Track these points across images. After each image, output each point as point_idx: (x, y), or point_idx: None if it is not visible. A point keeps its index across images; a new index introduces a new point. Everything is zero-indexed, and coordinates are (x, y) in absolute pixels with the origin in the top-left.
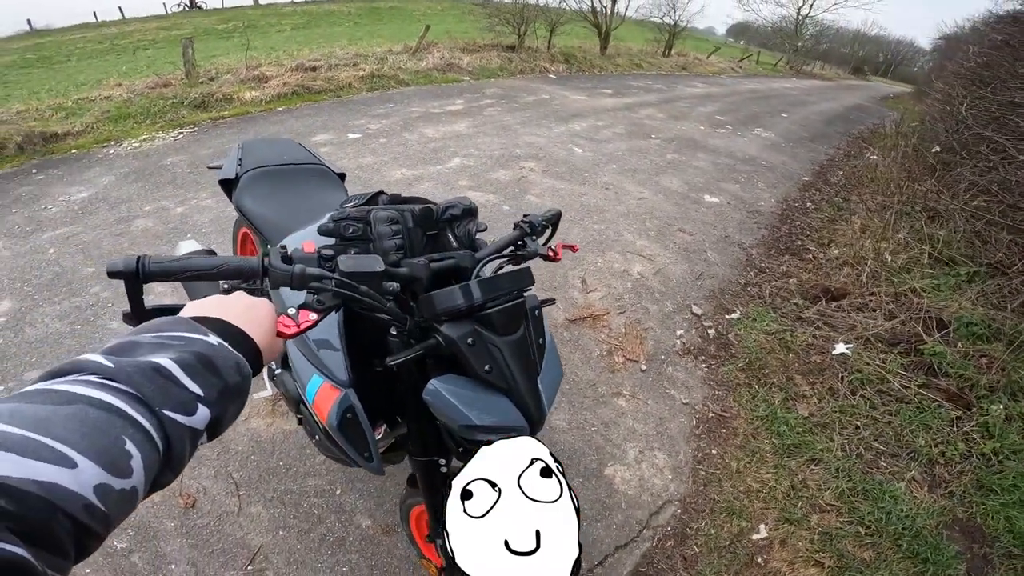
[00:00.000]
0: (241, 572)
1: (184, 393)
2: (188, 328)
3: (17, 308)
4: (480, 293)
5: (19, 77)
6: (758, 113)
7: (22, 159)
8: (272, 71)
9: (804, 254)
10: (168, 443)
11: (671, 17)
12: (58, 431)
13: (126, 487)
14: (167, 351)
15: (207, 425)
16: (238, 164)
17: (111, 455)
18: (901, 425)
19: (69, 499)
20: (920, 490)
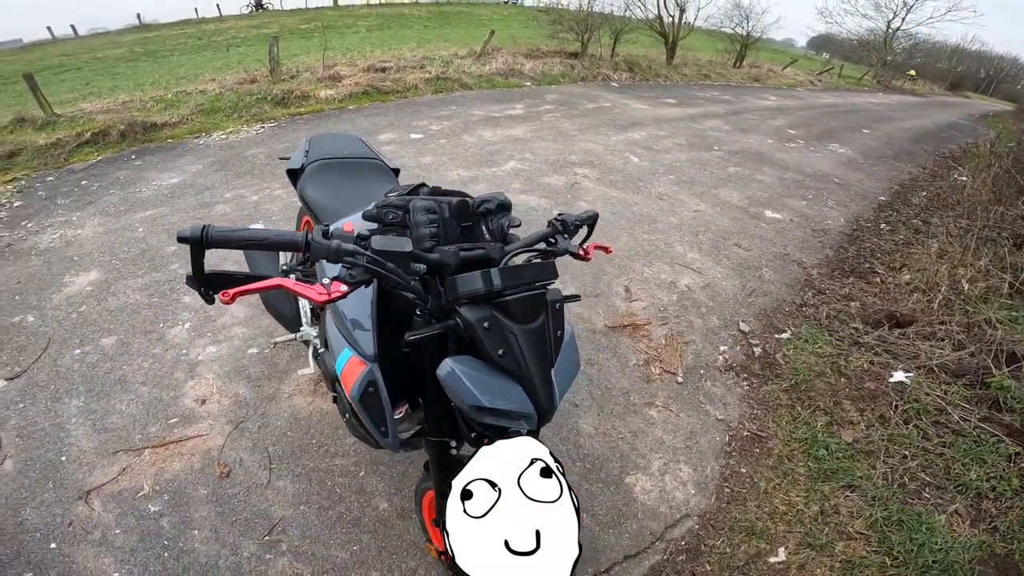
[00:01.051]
0: (257, 542)
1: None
2: None
3: (103, 279)
4: (500, 280)
5: (127, 69)
6: (835, 128)
7: (123, 145)
8: (346, 71)
9: (871, 277)
10: None
11: (743, 28)
12: None
13: None
14: None
15: None
16: (304, 156)
17: None
18: (954, 458)
19: None
20: (961, 524)
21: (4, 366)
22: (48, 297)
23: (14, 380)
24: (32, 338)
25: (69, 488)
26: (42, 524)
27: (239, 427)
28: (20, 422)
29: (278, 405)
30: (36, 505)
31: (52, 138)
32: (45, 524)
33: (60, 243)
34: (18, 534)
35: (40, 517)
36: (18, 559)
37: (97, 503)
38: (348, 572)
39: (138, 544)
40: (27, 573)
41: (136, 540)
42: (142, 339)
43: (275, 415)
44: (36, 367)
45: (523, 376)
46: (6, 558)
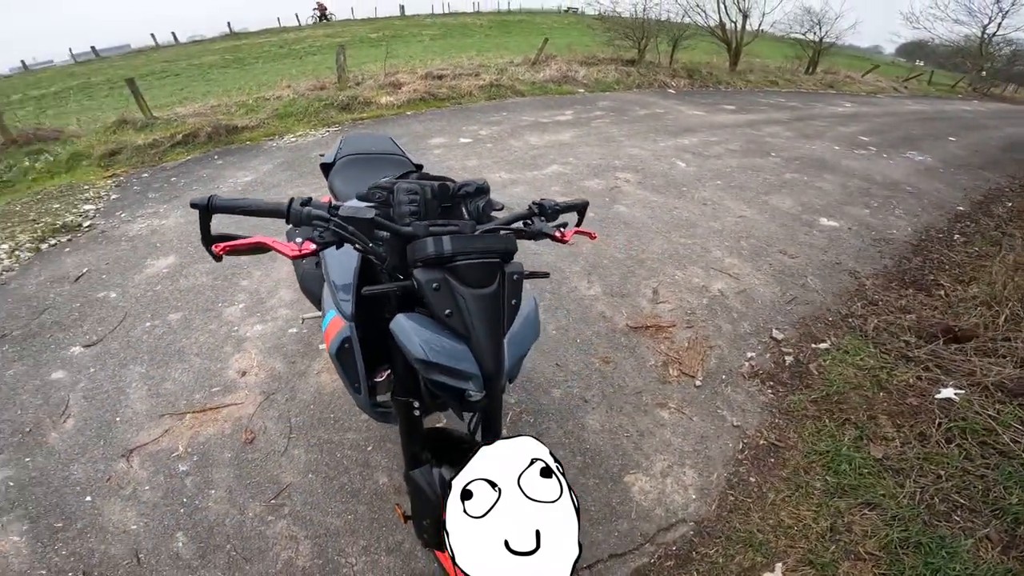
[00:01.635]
0: (263, 504)
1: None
2: None
3: (178, 263)
4: (451, 246)
5: (218, 75)
6: (916, 135)
7: (209, 146)
8: (406, 78)
9: (934, 290)
10: None
11: (815, 33)
12: None
13: None
14: None
15: None
16: (337, 152)
17: None
18: (995, 480)
19: None
20: (990, 550)
21: (84, 335)
22: (130, 277)
23: (90, 347)
24: (112, 311)
25: (116, 447)
26: (84, 479)
27: (269, 398)
28: (88, 385)
29: (306, 380)
30: (84, 461)
31: (149, 139)
32: (87, 479)
33: (147, 231)
34: (61, 487)
35: (84, 472)
36: (54, 511)
37: (136, 461)
38: (339, 538)
39: (160, 500)
40: (57, 523)
41: (160, 496)
42: (202, 316)
43: (302, 389)
44: (111, 337)
45: (471, 337)
46: (44, 509)
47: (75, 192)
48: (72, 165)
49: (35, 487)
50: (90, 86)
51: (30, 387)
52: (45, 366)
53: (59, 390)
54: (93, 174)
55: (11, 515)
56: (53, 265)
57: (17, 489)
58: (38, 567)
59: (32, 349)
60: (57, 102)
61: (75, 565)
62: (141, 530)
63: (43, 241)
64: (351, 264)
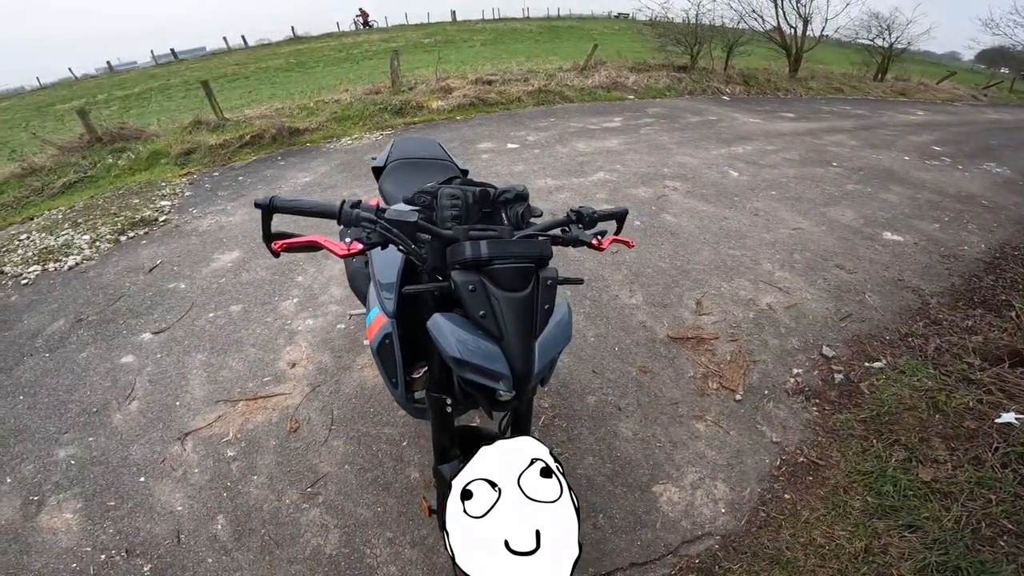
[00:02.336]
0: (299, 492)
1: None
2: None
3: (241, 258)
4: (487, 251)
5: (283, 79)
6: (994, 146)
7: (273, 148)
8: (456, 83)
9: (1005, 311)
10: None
11: (884, 39)
12: None
13: None
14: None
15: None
16: (388, 156)
17: None
18: None
19: None
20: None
21: (155, 322)
22: (198, 269)
23: (159, 334)
24: (180, 301)
25: (173, 430)
26: (141, 459)
27: (315, 390)
28: (154, 369)
29: (351, 375)
30: (143, 443)
31: (220, 139)
32: (143, 459)
33: (215, 227)
34: (119, 467)
35: (142, 453)
36: (109, 489)
37: (189, 444)
38: (367, 529)
39: (207, 483)
40: (111, 502)
41: (207, 480)
42: (260, 309)
43: (346, 383)
44: (178, 325)
45: (502, 338)
46: (100, 488)
47: (153, 189)
48: (152, 163)
49: (95, 466)
50: (169, 87)
51: (101, 370)
52: (116, 350)
53: (127, 374)
54: (170, 172)
55: (68, 492)
56: (130, 256)
57: (78, 467)
58: (84, 544)
59: (106, 334)
60: (139, 102)
61: (119, 543)
62: (185, 511)
63: (122, 233)
64: (395, 264)
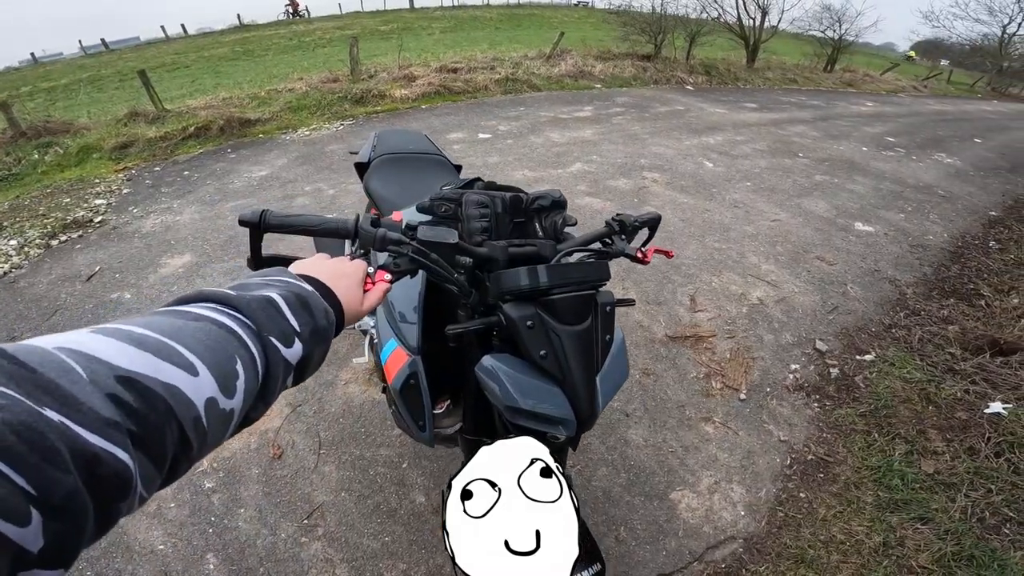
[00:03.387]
0: (296, 525)
1: (287, 325)
2: (288, 276)
3: (194, 262)
4: (547, 278)
5: (229, 68)
6: (942, 137)
7: (221, 140)
8: (419, 71)
9: (975, 299)
10: (267, 371)
11: (835, 31)
12: (188, 340)
13: (226, 408)
14: (274, 289)
15: (298, 361)
16: (372, 150)
17: (224, 371)
18: None
19: (186, 408)
20: None
21: None
22: (145, 276)
23: None
24: (127, 314)
25: None
26: None
27: (296, 410)
28: None
29: (334, 392)
30: None
31: (161, 132)
32: None
33: (160, 228)
34: None
35: None
36: None
37: None
38: (377, 562)
39: (187, 519)
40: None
41: (186, 515)
42: None
43: (330, 401)
44: None
45: (565, 380)
46: None
47: (86, 186)
48: (82, 158)
49: None
50: (100, 78)
51: None
52: None
53: None
54: (104, 167)
55: None
56: (64, 263)
57: None
58: None
59: None
60: (67, 95)
61: None
62: (170, 551)
63: (53, 237)
64: (414, 289)
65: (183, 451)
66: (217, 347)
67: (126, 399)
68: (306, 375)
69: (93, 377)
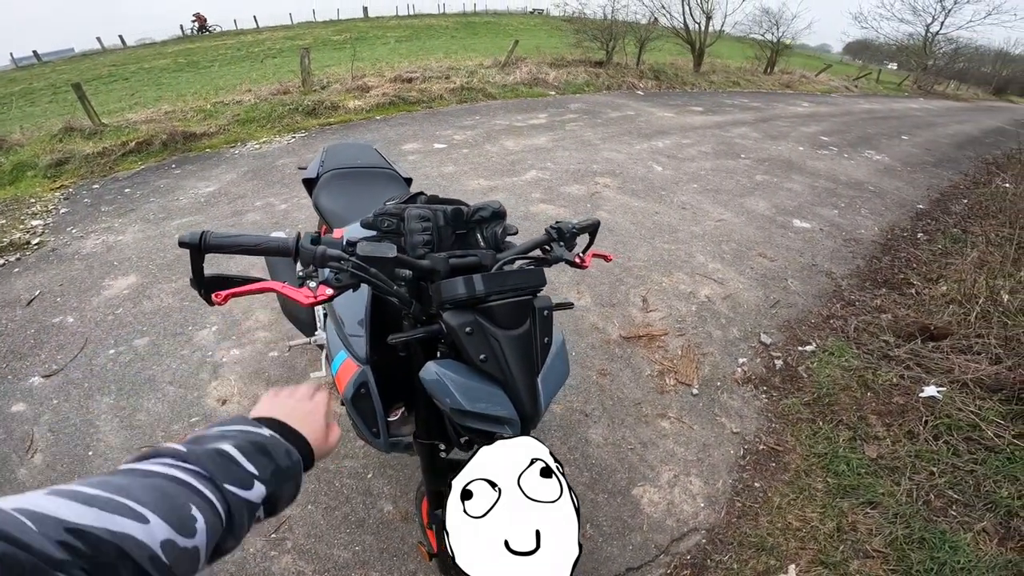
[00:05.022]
0: (264, 539)
1: (242, 471)
2: (246, 424)
3: (140, 283)
4: (483, 286)
5: (171, 79)
6: (872, 135)
7: (165, 155)
8: (374, 81)
9: (905, 288)
10: (230, 512)
11: (773, 34)
12: (136, 495)
13: (188, 546)
14: (229, 440)
15: (263, 500)
16: (320, 165)
17: (179, 517)
18: (985, 475)
19: (138, 548)
20: (988, 543)
21: (42, 364)
22: (88, 299)
23: (51, 377)
24: (71, 338)
25: None
26: None
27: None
28: (53, 418)
29: None
30: None
31: (99, 147)
32: None
33: (102, 248)
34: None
35: None
36: None
37: None
38: (349, 572)
39: None
40: None
41: None
42: (172, 341)
43: None
44: (72, 365)
45: (506, 381)
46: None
47: (20, 206)
48: (16, 176)
49: None
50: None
51: None
52: (3, 398)
53: (22, 423)
54: (39, 185)
55: None
56: (2, 287)
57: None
58: None
59: None
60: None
61: None
62: None
63: None
64: (360, 301)
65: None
66: (167, 498)
67: (76, 545)
68: (279, 509)
69: (43, 530)
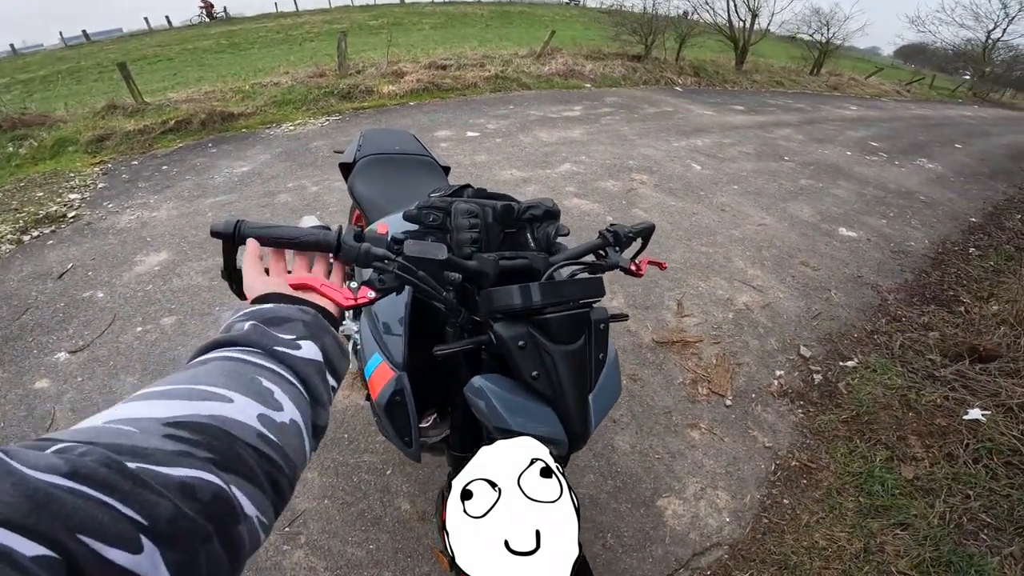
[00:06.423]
0: (276, 533)
1: (280, 338)
2: (246, 309)
3: (171, 260)
4: (540, 296)
5: (213, 60)
6: (924, 142)
7: (203, 134)
8: (408, 67)
9: (954, 306)
10: (298, 376)
11: (823, 34)
12: (206, 379)
13: (285, 420)
14: (248, 320)
15: (321, 356)
16: (357, 150)
17: (256, 391)
18: (1020, 499)
19: (241, 428)
20: (1014, 567)
21: (69, 339)
22: (119, 274)
23: (76, 354)
24: (99, 313)
25: None
26: None
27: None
28: (76, 396)
29: None
30: None
31: (139, 125)
32: None
33: (136, 224)
34: None
35: None
36: None
37: None
38: (361, 570)
39: None
40: None
41: None
42: (198, 321)
43: None
44: (99, 342)
45: (557, 400)
46: None
47: (60, 180)
48: (57, 151)
49: None
50: (79, 70)
51: (12, 397)
52: (28, 374)
53: (44, 401)
54: (79, 161)
55: None
56: (35, 259)
57: None
58: None
59: (13, 354)
60: (44, 86)
61: None
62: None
63: (25, 232)
64: (399, 302)
65: (271, 467)
66: (234, 375)
67: (182, 435)
68: (339, 371)
69: (144, 430)
